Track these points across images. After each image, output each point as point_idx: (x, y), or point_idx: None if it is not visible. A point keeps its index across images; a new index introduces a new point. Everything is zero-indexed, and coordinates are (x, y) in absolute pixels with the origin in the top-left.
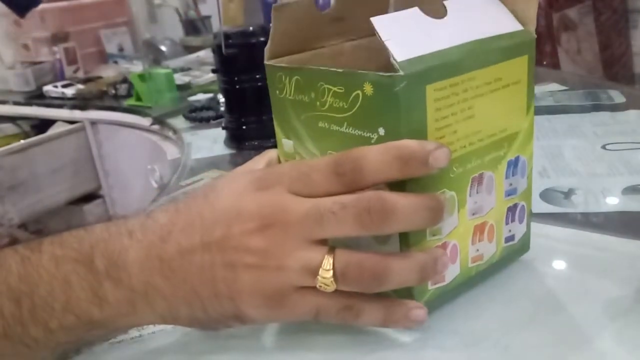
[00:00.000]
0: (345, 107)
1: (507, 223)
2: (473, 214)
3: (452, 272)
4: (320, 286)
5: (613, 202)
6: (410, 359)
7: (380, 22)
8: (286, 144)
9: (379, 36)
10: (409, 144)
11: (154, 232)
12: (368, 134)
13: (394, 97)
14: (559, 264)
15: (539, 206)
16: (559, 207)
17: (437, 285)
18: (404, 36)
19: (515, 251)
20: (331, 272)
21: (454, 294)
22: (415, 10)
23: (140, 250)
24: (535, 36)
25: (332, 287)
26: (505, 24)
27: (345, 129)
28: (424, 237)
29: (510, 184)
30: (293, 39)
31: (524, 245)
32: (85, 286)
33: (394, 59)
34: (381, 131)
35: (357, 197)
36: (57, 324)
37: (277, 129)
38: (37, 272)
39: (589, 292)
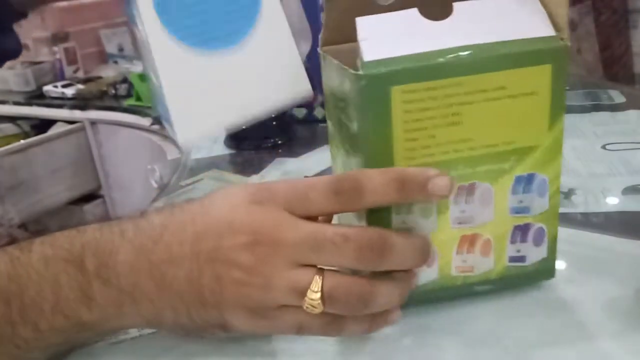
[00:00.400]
0: (342, 97)
1: (513, 242)
2: (459, 223)
3: (426, 276)
4: (307, 307)
5: (613, 202)
6: (410, 358)
7: (363, 22)
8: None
9: (357, 35)
10: (410, 169)
11: (146, 233)
12: (349, 124)
13: (357, 95)
14: (559, 264)
15: None
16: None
17: None
18: (384, 37)
19: (529, 274)
20: (319, 294)
21: (432, 298)
22: (413, 11)
23: (130, 251)
24: (568, 44)
25: (319, 310)
26: (529, 28)
27: (343, 118)
28: None
29: (521, 201)
30: (346, 27)
31: (546, 270)
32: (75, 286)
33: (361, 59)
34: (354, 125)
35: (360, 231)
36: (47, 324)
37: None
38: (26, 272)
39: (589, 292)
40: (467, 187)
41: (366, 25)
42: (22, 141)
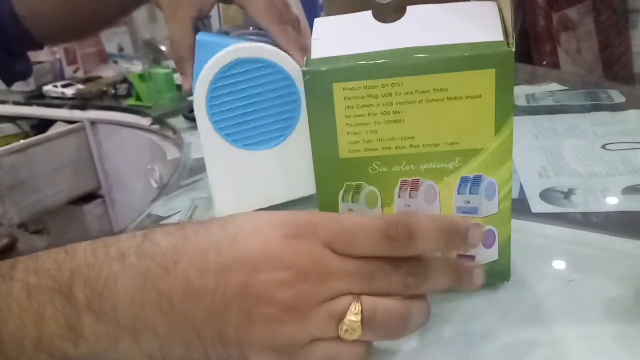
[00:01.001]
0: None
1: None
2: None
3: None
4: (347, 331)
5: (613, 202)
6: (410, 358)
7: (319, 22)
8: None
9: (312, 35)
10: (453, 218)
11: (153, 258)
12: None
13: (305, 89)
14: (559, 264)
15: (539, 206)
16: (559, 207)
17: None
18: (335, 37)
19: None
20: (360, 317)
21: None
22: (367, 14)
23: (133, 278)
24: (513, 50)
25: (357, 334)
26: (478, 33)
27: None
28: None
29: (468, 202)
30: None
31: (499, 273)
32: (61, 320)
33: (309, 56)
34: (307, 114)
35: (407, 259)
36: None
37: None
38: (6, 305)
39: (589, 292)
40: (411, 182)
41: (321, 26)
42: (22, 141)
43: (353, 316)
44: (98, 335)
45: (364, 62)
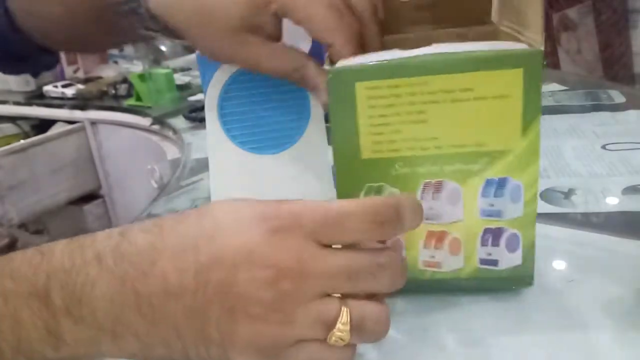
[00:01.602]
0: None
1: (484, 244)
2: (426, 219)
3: None
4: (336, 341)
5: (613, 202)
6: (410, 358)
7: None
8: None
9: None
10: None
11: (130, 259)
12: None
13: (328, 88)
14: (559, 264)
15: (539, 206)
16: (559, 207)
17: None
18: (360, 59)
19: (504, 280)
20: (349, 326)
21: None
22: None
23: (111, 282)
24: (542, 49)
25: (346, 341)
26: (505, 46)
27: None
28: None
29: (492, 205)
30: None
31: (523, 278)
32: (39, 324)
33: (334, 63)
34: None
35: (390, 257)
36: None
37: None
38: None
39: (589, 292)
40: (434, 184)
41: (353, 58)
42: (22, 141)
43: (342, 326)
44: (78, 339)
45: (388, 61)
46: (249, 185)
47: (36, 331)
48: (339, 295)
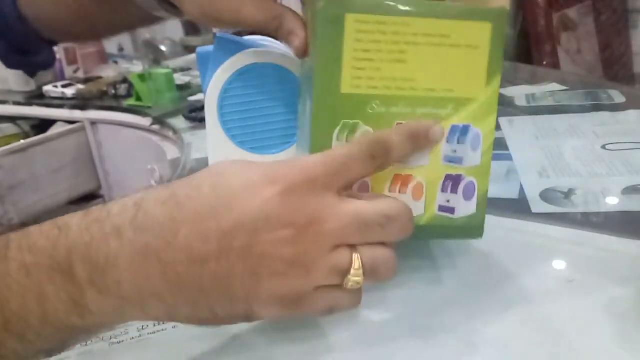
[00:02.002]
0: (310, 14)
1: (444, 191)
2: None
3: None
4: (352, 285)
5: (613, 202)
6: (410, 358)
7: None
8: None
9: None
10: (414, 123)
11: (151, 231)
12: (314, 45)
13: (318, 16)
14: (559, 264)
15: (539, 206)
16: (559, 207)
17: None
18: None
19: (458, 229)
20: (361, 271)
21: None
22: None
23: (133, 254)
24: (508, 9)
25: (361, 284)
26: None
27: (310, 30)
28: None
29: (454, 151)
30: None
31: (475, 229)
32: (64, 297)
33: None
34: (315, 45)
35: (397, 208)
36: (35, 335)
37: None
38: (5, 285)
39: (589, 292)
40: (436, 124)
41: None
42: (22, 141)
43: (356, 272)
44: (104, 308)
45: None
46: None
47: (62, 303)
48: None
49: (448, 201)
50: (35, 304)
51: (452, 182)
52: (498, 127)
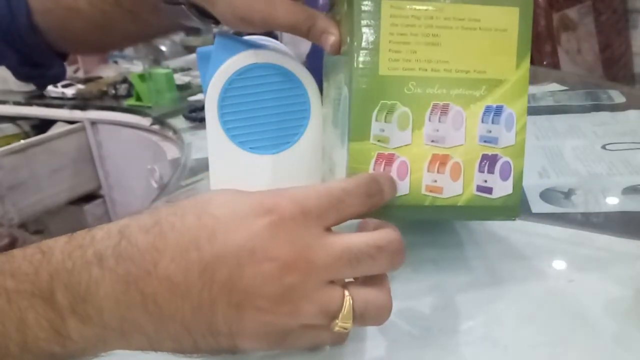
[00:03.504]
0: (345, 8)
1: (481, 171)
2: (432, 141)
3: (400, 189)
4: (339, 329)
5: (613, 202)
6: (410, 358)
7: None
8: None
9: None
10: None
11: (132, 260)
12: (350, 35)
13: (356, 3)
14: (559, 264)
15: (539, 206)
16: (559, 207)
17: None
18: None
19: (495, 209)
20: (351, 316)
21: (401, 214)
22: None
23: (114, 283)
24: None
25: (349, 329)
26: None
27: (343, 27)
28: (367, 140)
29: (489, 131)
30: None
31: (511, 209)
32: (45, 325)
33: None
34: (352, 33)
35: (387, 237)
36: None
37: None
38: None
39: (589, 292)
40: (441, 106)
41: None
42: (22, 141)
43: (346, 316)
44: (85, 337)
45: None
46: (249, 185)
47: (42, 331)
48: (341, 282)
49: (485, 181)
50: (16, 332)
51: (489, 161)
52: None
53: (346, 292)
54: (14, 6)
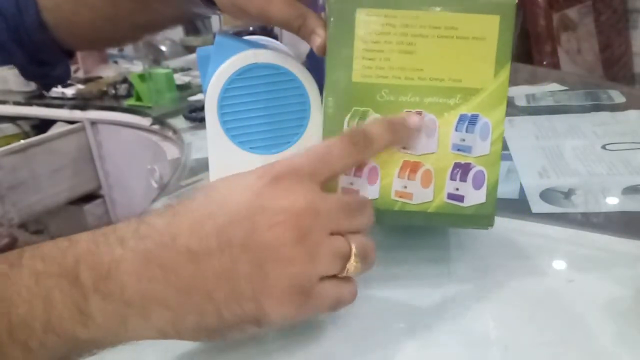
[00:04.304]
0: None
1: (452, 179)
2: (403, 148)
3: (370, 193)
4: (352, 272)
5: (613, 202)
6: (410, 358)
7: None
8: None
9: None
10: (394, 117)
11: (151, 238)
12: (328, 39)
13: (330, 11)
14: (559, 264)
15: (539, 206)
16: (559, 207)
17: None
18: None
19: (467, 217)
20: (359, 258)
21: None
22: None
23: (135, 260)
24: (516, 2)
25: (358, 270)
26: None
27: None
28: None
29: (463, 140)
30: None
31: (484, 218)
32: (69, 303)
33: None
34: (328, 42)
35: (365, 198)
36: (37, 343)
37: None
38: (15, 290)
39: (589, 292)
40: (414, 113)
41: None
42: (22, 141)
43: (355, 256)
44: (107, 315)
45: None
46: None
47: (66, 310)
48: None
49: (457, 189)
50: (41, 311)
51: (461, 170)
52: None
53: (348, 239)
54: (22, 4)
